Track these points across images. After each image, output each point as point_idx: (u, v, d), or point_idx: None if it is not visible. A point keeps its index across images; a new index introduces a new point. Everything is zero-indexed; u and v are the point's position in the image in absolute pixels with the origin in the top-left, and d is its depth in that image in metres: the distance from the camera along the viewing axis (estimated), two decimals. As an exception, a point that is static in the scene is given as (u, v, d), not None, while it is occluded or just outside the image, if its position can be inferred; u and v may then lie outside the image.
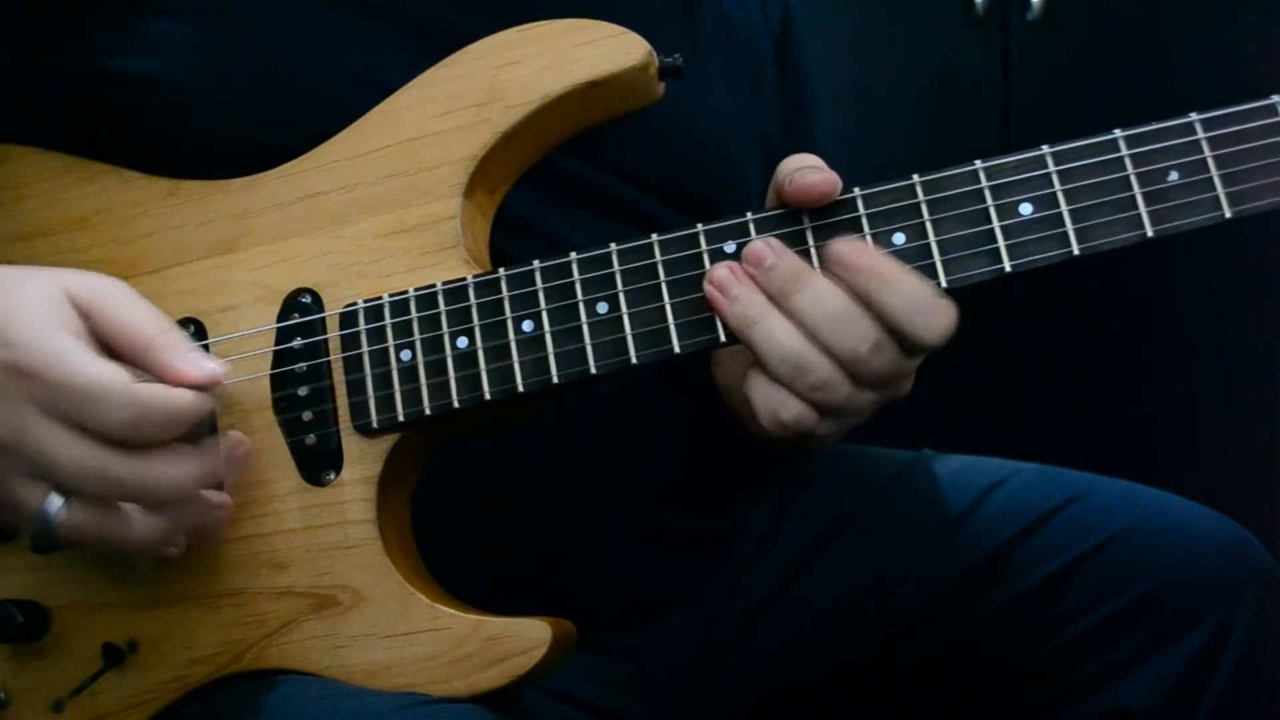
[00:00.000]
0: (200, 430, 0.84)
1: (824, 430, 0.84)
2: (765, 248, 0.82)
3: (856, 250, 0.80)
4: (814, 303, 0.80)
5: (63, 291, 0.82)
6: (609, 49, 0.87)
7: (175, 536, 0.84)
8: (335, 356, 0.88)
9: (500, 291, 0.86)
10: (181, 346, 0.83)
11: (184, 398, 0.80)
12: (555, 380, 0.84)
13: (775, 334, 0.81)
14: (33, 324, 0.80)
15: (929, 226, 0.81)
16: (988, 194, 0.81)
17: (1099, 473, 1.10)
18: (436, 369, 0.86)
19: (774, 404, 0.82)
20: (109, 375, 0.79)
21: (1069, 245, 0.80)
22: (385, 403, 0.87)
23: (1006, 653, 1.04)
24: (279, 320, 0.90)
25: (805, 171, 0.83)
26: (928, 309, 0.80)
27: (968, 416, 2.12)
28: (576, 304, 0.85)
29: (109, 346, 0.82)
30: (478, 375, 0.85)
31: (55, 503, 0.80)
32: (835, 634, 1.07)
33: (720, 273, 0.82)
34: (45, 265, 0.91)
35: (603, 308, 0.84)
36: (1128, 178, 0.79)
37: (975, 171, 0.81)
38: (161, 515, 0.83)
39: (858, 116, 2.12)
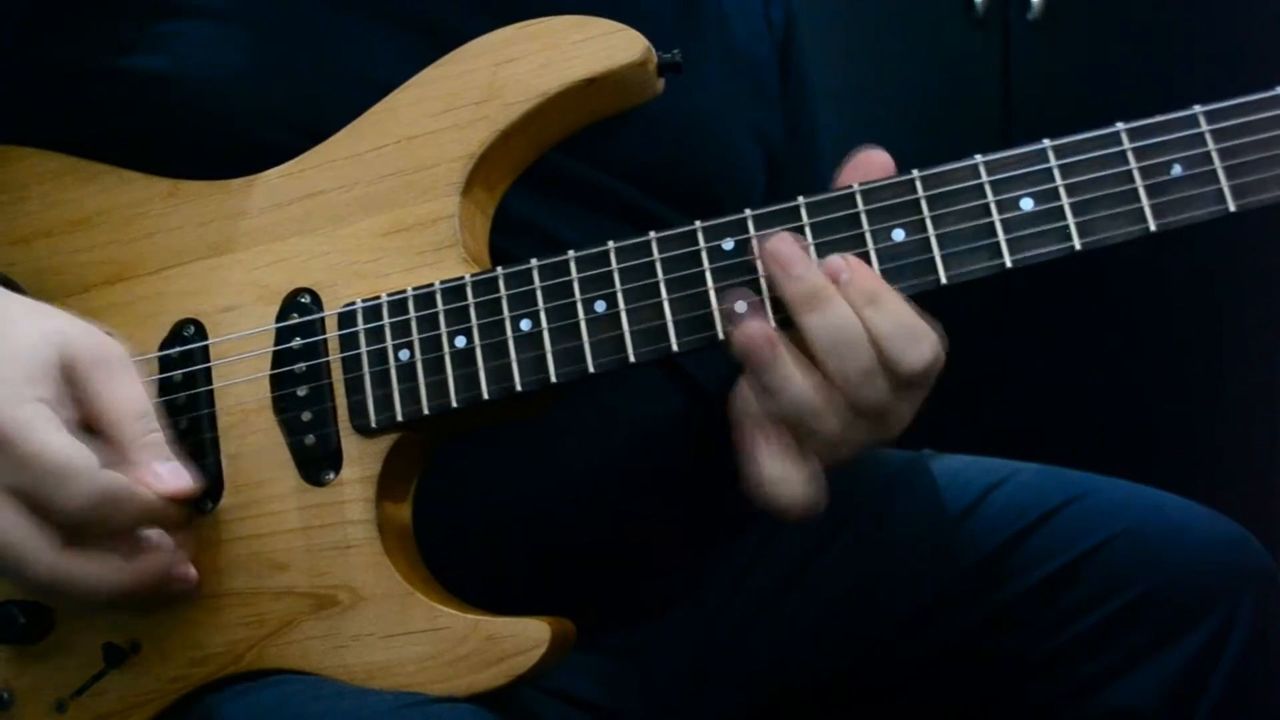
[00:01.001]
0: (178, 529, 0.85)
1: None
2: (793, 251, 0.81)
3: (846, 264, 0.81)
4: (828, 327, 0.80)
5: (58, 354, 0.80)
6: (607, 45, 0.87)
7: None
8: (334, 356, 0.88)
9: (498, 290, 0.86)
10: (162, 453, 0.83)
11: (149, 496, 0.81)
12: (553, 379, 0.84)
13: (800, 394, 0.81)
14: (9, 383, 0.78)
15: (929, 222, 0.81)
16: (988, 189, 0.80)
17: (1099, 473, 1.10)
18: (434, 368, 0.86)
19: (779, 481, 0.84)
20: (77, 456, 0.77)
21: (1070, 240, 0.79)
22: (383, 402, 0.87)
23: (1007, 652, 1.04)
24: (278, 320, 0.90)
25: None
26: (912, 334, 0.80)
27: (968, 416, 2.12)
28: (574, 303, 0.85)
29: (89, 419, 0.82)
30: (476, 374, 0.85)
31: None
32: (835, 634, 1.07)
33: (751, 330, 0.82)
34: (47, 267, 0.92)
35: (601, 306, 0.84)
36: (1130, 171, 0.79)
37: (975, 166, 0.81)
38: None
39: (858, 116, 2.12)
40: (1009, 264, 0.80)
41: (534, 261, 0.86)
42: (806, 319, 0.81)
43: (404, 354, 0.87)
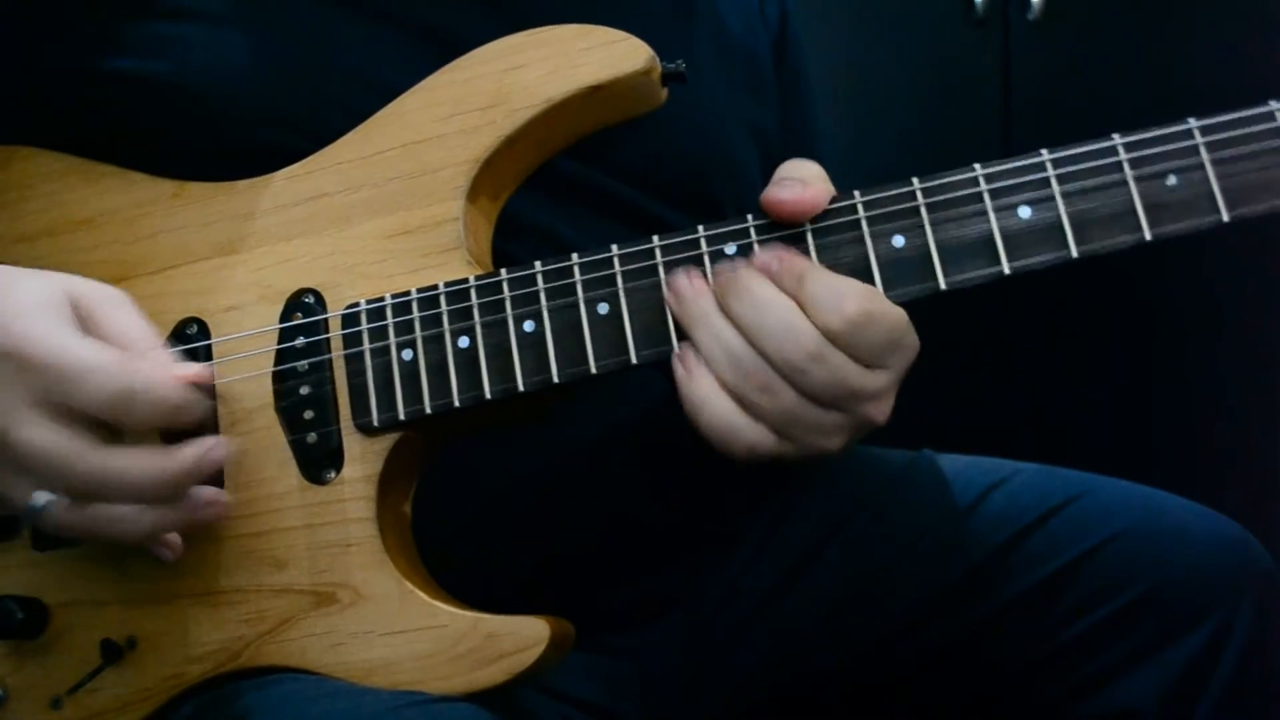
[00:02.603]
0: (200, 432, 0.85)
1: (790, 452, 0.84)
2: (727, 264, 0.82)
3: (775, 255, 0.81)
4: (753, 309, 0.81)
5: (64, 291, 0.83)
6: (612, 54, 0.88)
7: (166, 532, 0.85)
8: (337, 355, 0.89)
9: (502, 292, 0.86)
10: (170, 356, 0.84)
11: (170, 383, 0.81)
12: (555, 380, 0.85)
13: (719, 333, 0.81)
14: (26, 311, 0.80)
15: (928, 229, 0.82)
16: (987, 197, 0.81)
17: (1099, 473, 1.10)
18: (438, 368, 0.87)
19: (728, 424, 0.82)
20: (96, 352, 0.80)
21: (1067, 248, 0.80)
22: (386, 401, 0.87)
23: (1006, 652, 1.04)
24: (281, 320, 0.90)
25: (782, 184, 0.84)
26: (837, 295, 0.80)
27: (968, 416, 2.12)
28: (577, 305, 0.85)
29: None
30: (479, 374, 0.86)
31: (42, 497, 0.81)
32: (835, 634, 1.07)
33: (678, 281, 0.83)
34: (50, 266, 0.92)
35: (603, 308, 0.85)
36: (1126, 182, 0.80)
37: (975, 175, 0.82)
38: (148, 511, 0.83)
39: (857, 116, 2.12)
40: (1007, 271, 0.81)
41: (538, 264, 0.86)
42: (734, 308, 0.81)
43: (407, 353, 0.87)
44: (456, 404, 0.86)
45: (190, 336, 0.91)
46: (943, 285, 0.81)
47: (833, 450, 0.84)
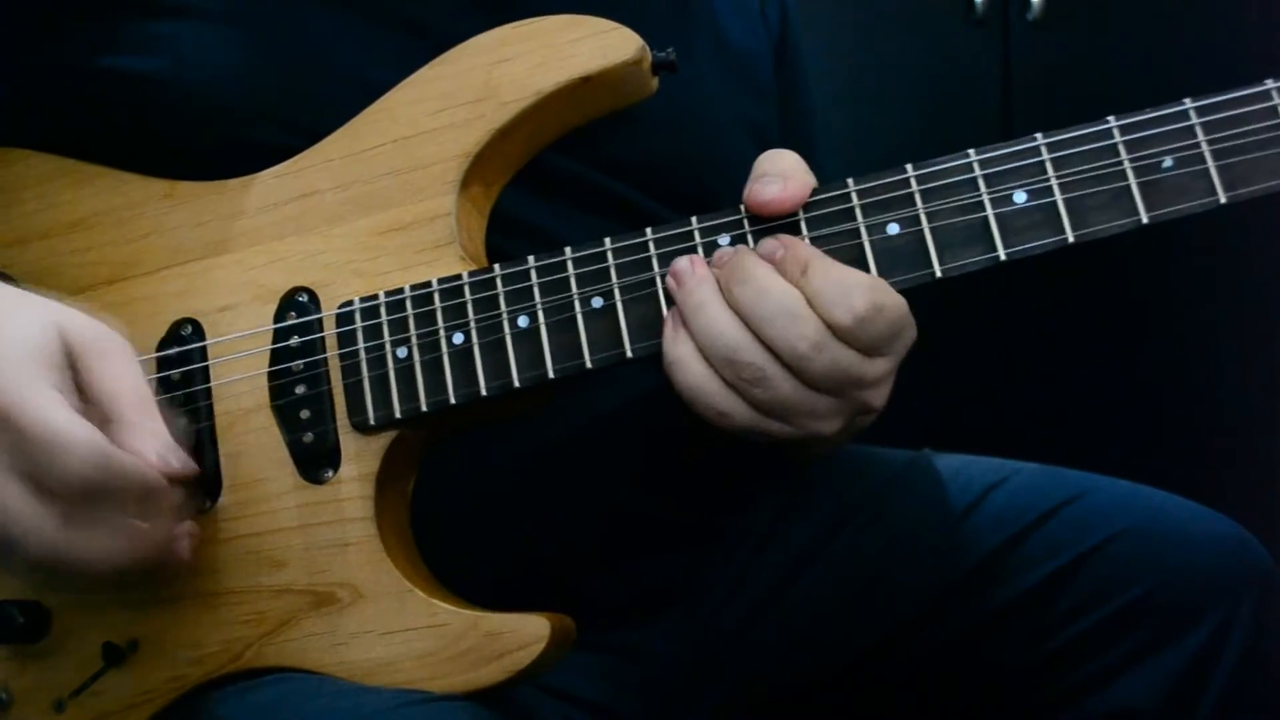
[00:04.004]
0: (179, 513, 0.83)
1: (777, 430, 0.83)
2: (728, 248, 0.83)
3: (779, 242, 0.82)
4: (756, 295, 0.81)
5: (57, 331, 0.80)
6: (602, 44, 0.88)
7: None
8: (332, 354, 0.89)
9: (495, 288, 0.86)
10: (156, 434, 0.81)
11: (150, 473, 0.78)
12: (551, 375, 0.85)
13: (715, 322, 0.81)
14: (16, 359, 0.77)
15: (923, 216, 0.82)
16: (981, 182, 0.81)
17: (1099, 473, 1.10)
18: (432, 366, 0.86)
19: (701, 387, 0.82)
20: (78, 430, 0.76)
21: (1063, 232, 0.80)
22: (382, 400, 0.87)
23: (1006, 652, 1.04)
24: (276, 320, 0.90)
25: (763, 181, 0.85)
26: (844, 289, 0.80)
27: (968, 416, 2.12)
28: (571, 299, 0.85)
29: (87, 401, 0.80)
30: (474, 371, 0.86)
31: None
32: (835, 633, 1.07)
33: (680, 264, 0.83)
34: (43, 269, 0.92)
35: (597, 302, 0.85)
36: (1122, 164, 0.80)
37: (969, 161, 0.82)
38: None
39: (857, 116, 2.12)
40: (1003, 256, 0.81)
41: (531, 259, 0.86)
42: (736, 294, 0.81)
43: (402, 351, 0.87)
44: (452, 401, 0.86)
45: (185, 338, 0.91)
46: (939, 273, 0.81)
47: (827, 433, 0.84)
